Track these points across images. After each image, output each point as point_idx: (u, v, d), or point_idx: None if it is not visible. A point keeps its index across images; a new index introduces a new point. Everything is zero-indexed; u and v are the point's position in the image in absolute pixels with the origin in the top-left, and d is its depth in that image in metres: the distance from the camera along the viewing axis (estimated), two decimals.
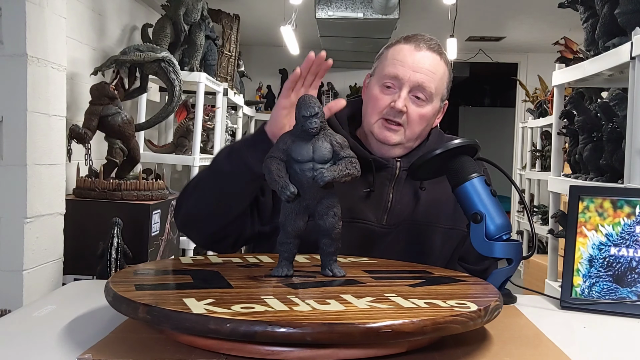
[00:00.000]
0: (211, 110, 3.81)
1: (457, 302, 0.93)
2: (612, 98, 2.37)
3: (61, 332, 1.01)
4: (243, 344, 0.85)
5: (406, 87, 1.40)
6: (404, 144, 1.45)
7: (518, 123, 6.72)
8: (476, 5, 4.84)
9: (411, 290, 1.02)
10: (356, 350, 0.86)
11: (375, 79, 1.47)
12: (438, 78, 1.43)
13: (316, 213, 1.09)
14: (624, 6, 2.07)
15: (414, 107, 1.42)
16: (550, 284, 2.50)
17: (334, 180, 1.05)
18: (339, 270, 1.11)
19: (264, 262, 1.24)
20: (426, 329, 0.83)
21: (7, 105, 2.10)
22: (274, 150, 1.10)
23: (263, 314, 0.83)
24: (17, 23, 2.09)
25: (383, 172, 1.45)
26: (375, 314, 0.86)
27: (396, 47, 1.46)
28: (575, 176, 2.51)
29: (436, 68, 1.43)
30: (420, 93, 1.41)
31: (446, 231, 1.47)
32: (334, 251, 1.11)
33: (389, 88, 1.42)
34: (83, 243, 2.50)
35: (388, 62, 1.44)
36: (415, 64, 1.41)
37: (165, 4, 3.39)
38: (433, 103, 1.44)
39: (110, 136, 2.66)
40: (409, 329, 0.82)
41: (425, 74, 1.41)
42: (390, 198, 1.45)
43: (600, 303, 1.27)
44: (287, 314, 0.84)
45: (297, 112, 1.09)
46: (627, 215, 1.30)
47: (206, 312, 0.83)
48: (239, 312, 0.83)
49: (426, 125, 1.46)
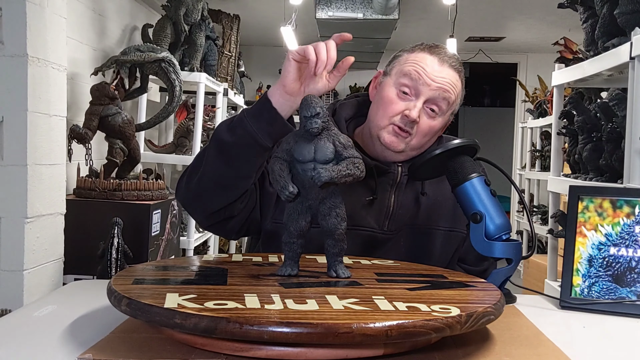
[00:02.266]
0: (211, 110, 3.81)
1: (442, 307, 0.90)
2: (611, 98, 2.37)
3: (61, 331, 1.01)
4: (243, 344, 0.85)
5: (423, 97, 1.37)
6: (407, 152, 1.42)
7: (518, 123, 6.72)
8: (476, 6, 4.84)
9: (404, 294, 1.00)
10: (341, 350, 0.86)
11: (391, 80, 1.42)
12: (455, 96, 1.41)
13: (319, 213, 1.10)
14: (623, 6, 2.07)
15: (425, 118, 1.39)
16: (550, 283, 2.51)
17: (332, 180, 1.04)
18: (343, 272, 1.11)
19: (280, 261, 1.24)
20: (391, 332, 0.81)
21: (8, 106, 2.10)
22: (278, 150, 1.11)
23: (230, 311, 0.85)
24: (18, 23, 2.09)
25: (384, 178, 1.43)
26: (343, 315, 0.85)
27: (419, 54, 1.41)
28: (575, 176, 2.51)
29: (455, 85, 1.40)
30: (435, 106, 1.38)
31: (446, 233, 1.47)
32: (338, 252, 1.11)
33: (406, 94, 1.38)
34: (83, 243, 2.50)
35: (409, 67, 1.39)
36: (437, 78, 1.38)
37: (165, 5, 3.39)
38: (445, 117, 1.42)
39: (111, 136, 2.66)
40: (371, 332, 0.81)
41: (444, 90, 1.38)
42: (391, 203, 1.44)
43: (600, 303, 1.28)
44: (252, 311, 0.85)
45: (299, 113, 1.09)
46: (627, 215, 1.31)
47: (176, 307, 0.85)
48: (209, 308, 0.85)
49: (432, 137, 1.44)
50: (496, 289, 1.09)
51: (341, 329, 0.80)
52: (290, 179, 1.08)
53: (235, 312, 0.84)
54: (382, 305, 0.91)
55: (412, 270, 1.23)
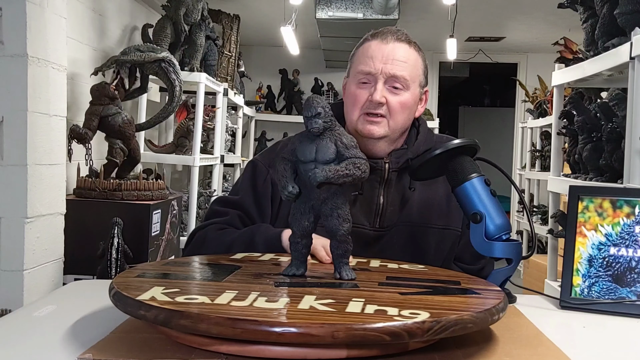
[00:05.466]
0: (211, 110, 3.81)
1: (411, 312, 0.87)
2: (611, 98, 2.37)
3: (62, 331, 1.01)
4: (243, 344, 0.85)
5: (381, 79, 1.42)
6: (389, 135, 1.45)
7: (518, 123, 6.72)
8: (476, 6, 4.84)
9: (392, 298, 0.97)
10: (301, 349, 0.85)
11: (350, 79, 1.49)
12: (411, 65, 1.44)
13: (321, 214, 1.10)
14: (623, 6, 2.07)
15: (392, 96, 1.43)
16: (550, 283, 2.51)
17: (327, 180, 1.04)
18: (346, 274, 1.10)
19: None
20: (337, 335, 0.81)
21: (8, 106, 2.10)
22: (285, 150, 1.12)
23: (196, 305, 0.88)
24: (18, 23, 2.09)
25: (372, 175, 1.42)
26: (300, 314, 0.86)
27: (365, 44, 1.48)
28: (575, 176, 2.51)
29: (407, 56, 1.44)
30: (396, 83, 1.42)
31: (440, 231, 1.48)
32: (342, 253, 1.10)
33: (365, 84, 1.44)
34: (83, 243, 2.50)
35: (359, 61, 1.46)
36: (385, 56, 1.42)
37: (165, 4, 3.39)
38: (411, 90, 1.45)
39: (111, 136, 2.66)
40: (316, 333, 0.81)
41: (396, 64, 1.42)
42: (381, 201, 1.45)
43: (600, 303, 1.28)
44: (211, 307, 0.87)
45: (302, 113, 1.10)
46: (627, 215, 1.31)
47: (146, 300, 0.89)
48: (176, 302, 0.89)
49: (409, 114, 1.47)
50: (499, 298, 1.01)
51: (278, 327, 0.81)
52: (292, 179, 1.09)
53: (197, 307, 0.87)
54: (352, 307, 0.90)
55: (429, 276, 1.20)
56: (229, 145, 4.59)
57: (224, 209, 1.52)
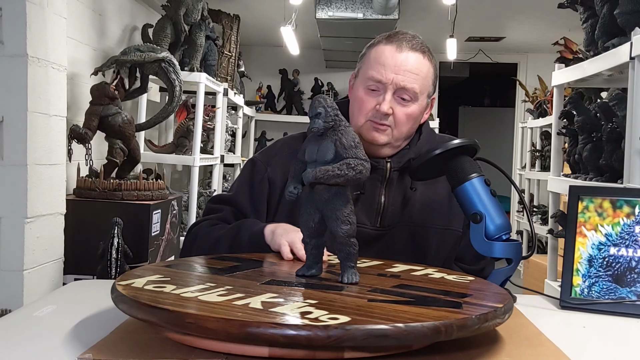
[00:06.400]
0: (211, 110, 3.81)
1: (331, 317, 0.85)
2: (611, 98, 2.37)
3: (62, 332, 1.01)
4: (243, 344, 0.85)
5: (390, 89, 1.40)
6: (392, 143, 1.45)
7: (518, 123, 6.72)
8: (476, 6, 4.84)
9: (377, 306, 0.93)
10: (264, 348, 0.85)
11: (359, 81, 1.47)
12: (422, 77, 1.42)
13: (324, 215, 1.10)
14: (623, 6, 2.07)
15: (399, 107, 1.41)
16: (550, 283, 2.51)
17: (316, 181, 1.05)
18: (348, 277, 1.08)
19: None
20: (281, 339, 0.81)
21: (8, 105, 2.10)
22: (300, 150, 1.13)
23: (183, 299, 0.92)
24: (18, 23, 2.09)
25: (373, 174, 1.42)
26: (263, 315, 0.85)
27: (378, 48, 1.45)
28: (575, 176, 2.51)
29: (419, 68, 1.42)
30: (405, 94, 1.41)
31: (441, 231, 1.48)
32: (345, 256, 1.09)
33: (374, 91, 1.42)
34: (83, 243, 2.50)
35: (371, 65, 1.43)
36: (398, 66, 1.40)
37: (165, 4, 3.39)
38: (419, 101, 1.44)
39: (111, 136, 2.66)
40: (255, 334, 0.81)
41: (408, 76, 1.40)
42: (382, 200, 1.45)
43: (600, 303, 1.28)
44: (187, 303, 0.90)
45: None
46: (627, 215, 1.31)
47: (132, 292, 0.94)
48: (177, 303, 0.90)
49: (413, 124, 1.46)
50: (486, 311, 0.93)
51: (231, 326, 0.82)
52: (297, 179, 1.10)
53: (169, 302, 0.89)
54: (317, 314, 0.87)
55: (439, 286, 1.10)
56: (229, 145, 4.59)
57: (219, 206, 1.54)
